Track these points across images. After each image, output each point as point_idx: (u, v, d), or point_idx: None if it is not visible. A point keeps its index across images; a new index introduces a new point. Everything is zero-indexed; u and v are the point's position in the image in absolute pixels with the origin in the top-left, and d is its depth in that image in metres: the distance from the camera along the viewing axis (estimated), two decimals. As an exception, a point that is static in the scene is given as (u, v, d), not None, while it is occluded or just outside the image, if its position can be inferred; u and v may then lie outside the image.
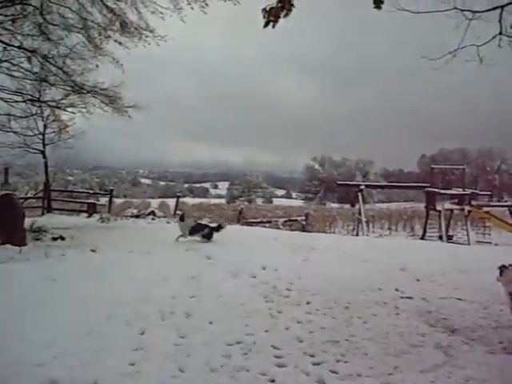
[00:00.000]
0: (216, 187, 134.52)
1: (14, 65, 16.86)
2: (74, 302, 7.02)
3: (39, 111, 21.45)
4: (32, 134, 22.88)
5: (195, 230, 13.40)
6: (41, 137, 23.73)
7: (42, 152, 24.33)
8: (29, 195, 28.16)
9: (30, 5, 15.74)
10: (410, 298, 8.43)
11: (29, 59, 16.77)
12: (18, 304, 6.84)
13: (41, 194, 25.99)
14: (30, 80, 17.80)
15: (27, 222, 13.85)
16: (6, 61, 16.66)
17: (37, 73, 17.19)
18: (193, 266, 9.95)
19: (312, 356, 5.65)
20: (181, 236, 13.30)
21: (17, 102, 18.13)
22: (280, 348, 5.83)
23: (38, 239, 13.29)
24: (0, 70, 16.76)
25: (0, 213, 12.31)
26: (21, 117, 19.35)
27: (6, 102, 17.71)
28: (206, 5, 15.51)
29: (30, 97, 18.45)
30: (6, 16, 16.00)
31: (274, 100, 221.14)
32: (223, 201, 79.42)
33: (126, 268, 9.44)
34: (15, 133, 19.83)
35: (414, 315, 7.43)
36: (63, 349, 5.40)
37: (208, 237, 13.25)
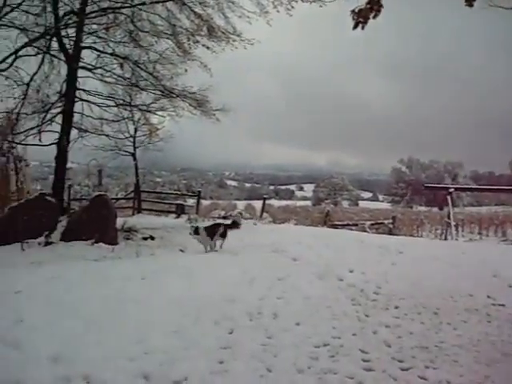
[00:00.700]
0: (301, 189, 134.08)
1: (107, 71, 17.60)
2: (163, 300, 7.19)
3: (130, 115, 22.13)
4: (123, 137, 23.60)
5: (213, 232, 12.44)
6: (131, 140, 24.56)
7: (133, 154, 25.17)
8: (119, 196, 29.18)
9: (122, 13, 16.40)
10: (502, 305, 8.11)
11: (121, 65, 17.43)
12: (111, 300, 7.09)
13: (131, 195, 26.89)
14: (122, 85, 18.49)
15: (118, 221, 14.39)
16: (99, 67, 17.41)
17: (129, 78, 17.83)
18: (279, 267, 9.92)
19: (400, 361, 5.57)
20: (207, 247, 12.28)
21: (109, 106, 18.79)
22: (367, 352, 5.78)
23: (128, 238, 13.81)
24: (94, 75, 17.53)
25: (94, 213, 12.89)
26: (113, 121, 19.92)
27: (99, 106, 18.44)
28: (292, 7, 15.58)
29: (121, 101, 19.12)
30: (99, 25, 16.73)
31: (359, 102, 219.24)
32: (309, 203, 78.89)
33: (213, 268, 9.58)
34: (107, 136, 20.47)
35: (507, 323, 7.15)
36: (154, 345, 5.58)
37: (224, 235, 12.49)
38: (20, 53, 15.28)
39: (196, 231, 12.28)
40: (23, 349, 5.33)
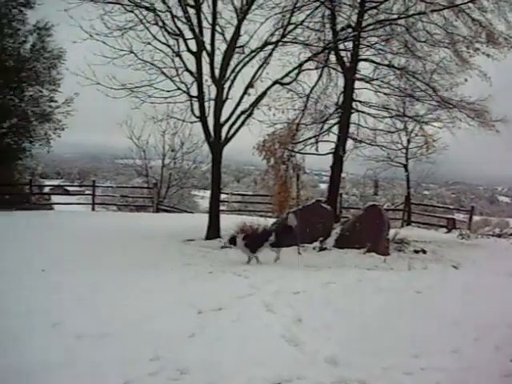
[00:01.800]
0: None
1: (384, 82, 17.77)
2: (439, 317, 6.87)
3: (404, 126, 22.00)
4: (395, 148, 23.61)
5: (256, 243, 11.16)
6: (403, 151, 24.40)
7: (405, 166, 24.99)
8: (385, 207, 29.26)
9: (398, 24, 16.46)
10: None
11: (400, 76, 17.46)
12: (386, 310, 7.13)
13: (400, 207, 26.75)
14: (397, 96, 18.47)
15: (390, 232, 14.40)
16: (376, 79, 17.70)
17: (406, 89, 17.78)
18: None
19: None
20: (250, 258, 11.15)
21: (384, 117, 18.98)
22: None
23: (400, 250, 13.78)
24: (371, 87, 17.90)
25: (367, 222, 13.13)
26: (388, 131, 20.01)
27: (374, 117, 18.72)
28: None
29: (396, 112, 19.13)
30: (377, 37, 17.00)
31: None
32: None
33: (490, 289, 8.98)
34: (380, 147, 20.62)
35: None
36: (430, 362, 5.38)
37: (277, 245, 11.27)
38: (302, 67, 16.20)
39: (233, 241, 11.21)
40: (302, 347, 5.60)
